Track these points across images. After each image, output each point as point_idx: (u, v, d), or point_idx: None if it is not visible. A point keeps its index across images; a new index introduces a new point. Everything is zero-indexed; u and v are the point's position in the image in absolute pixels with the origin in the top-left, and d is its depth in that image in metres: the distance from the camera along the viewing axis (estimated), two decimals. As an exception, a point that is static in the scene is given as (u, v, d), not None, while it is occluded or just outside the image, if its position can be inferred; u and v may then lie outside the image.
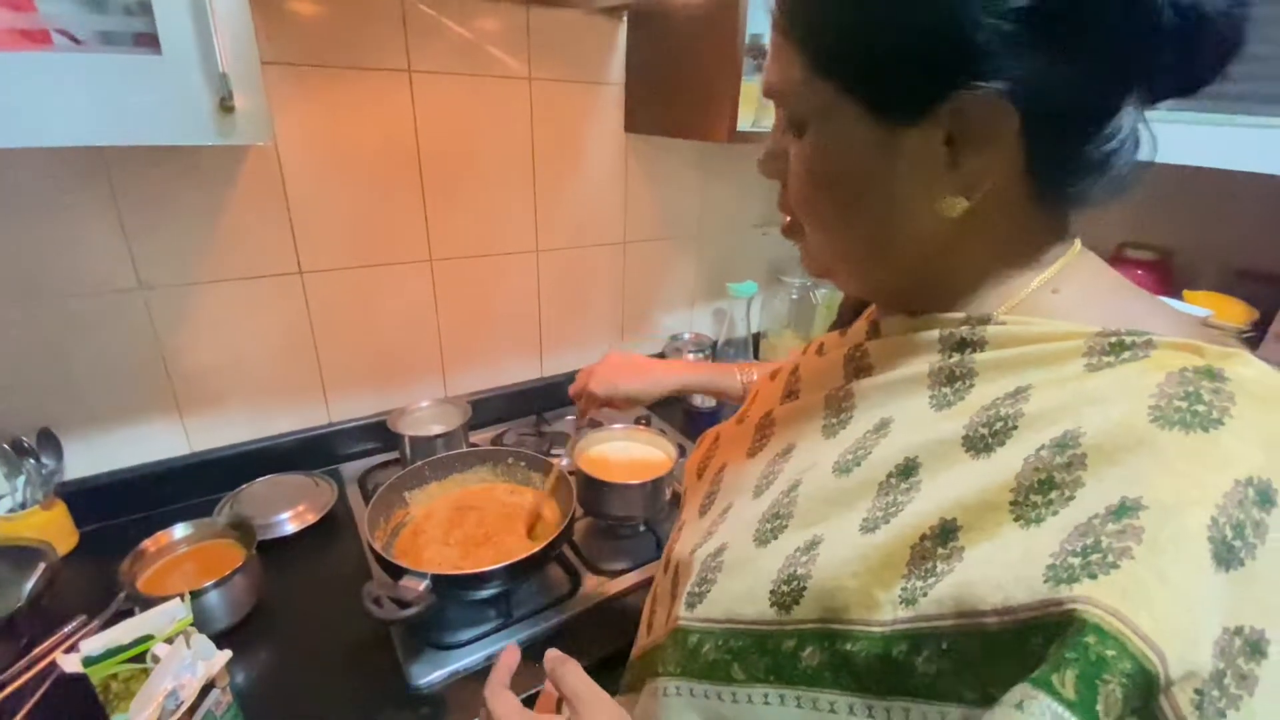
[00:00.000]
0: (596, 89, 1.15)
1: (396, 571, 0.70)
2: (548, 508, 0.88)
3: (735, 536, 0.43)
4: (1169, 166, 0.87)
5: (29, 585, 0.72)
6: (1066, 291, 0.35)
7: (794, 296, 1.54)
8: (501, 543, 0.82)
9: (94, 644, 0.58)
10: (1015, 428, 0.31)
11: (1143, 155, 0.34)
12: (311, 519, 0.94)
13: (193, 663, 0.57)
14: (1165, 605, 0.24)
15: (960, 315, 0.37)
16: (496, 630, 0.77)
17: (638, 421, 1.20)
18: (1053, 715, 0.23)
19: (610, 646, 0.76)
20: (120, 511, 0.94)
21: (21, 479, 0.84)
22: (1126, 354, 0.30)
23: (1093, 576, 0.25)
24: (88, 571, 0.84)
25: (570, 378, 1.33)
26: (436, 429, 1.01)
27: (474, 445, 1.12)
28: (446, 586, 0.71)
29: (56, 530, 0.85)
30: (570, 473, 0.90)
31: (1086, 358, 0.31)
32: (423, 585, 0.69)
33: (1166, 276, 1.12)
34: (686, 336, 1.44)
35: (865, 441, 0.38)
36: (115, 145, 0.58)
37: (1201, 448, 0.26)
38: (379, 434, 1.11)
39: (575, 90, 1.13)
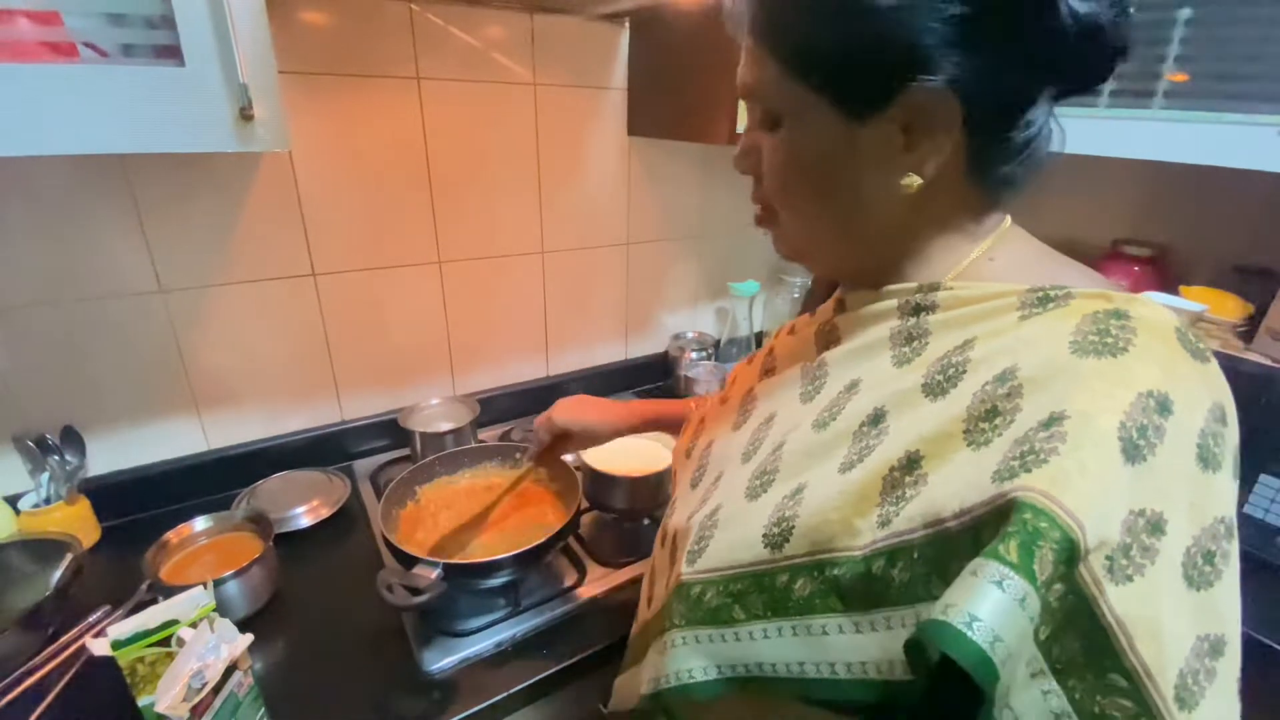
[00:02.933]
0: (599, 94, 1.17)
1: (409, 560, 0.73)
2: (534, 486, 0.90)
3: (728, 496, 0.47)
4: (1165, 164, 0.89)
5: (56, 576, 0.75)
6: (1001, 259, 0.42)
7: (795, 295, 1.56)
8: (508, 533, 0.85)
9: (122, 628, 0.61)
10: (964, 372, 0.37)
11: (1054, 146, 0.40)
12: (325, 513, 0.97)
13: (216, 645, 0.60)
14: (1084, 488, 0.30)
15: (914, 284, 0.43)
16: (505, 618, 0.80)
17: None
18: (1000, 574, 0.29)
19: (616, 634, 0.78)
20: (141, 507, 0.97)
21: (46, 475, 0.87)
22: (1051, 305, 0.36)
23: (1028, 470, 0.31)
24: (110, 564, 0.87)
25: (575, 377, 1.36)
26: (446, 426, 1.04)
27: (481, 442, 1.14)
28: (457, 575, 0.74)
29: (80, 525, 0.88)
30: (576, 467, 0.92)
31: (1019, 310, 0.37)
32: (434, 573, 0.71)
33: (1163, 272, 1.14)
34: (690, 335, 1.46)
35: (839, 400, 0.43)
36: (139, 153, 0.61)
37: (1111, 369, 0.32)
38: (390, 431, 1.13)
39: (579, 95, 1.15)
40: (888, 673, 0.35)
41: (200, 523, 0.82)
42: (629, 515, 0.95)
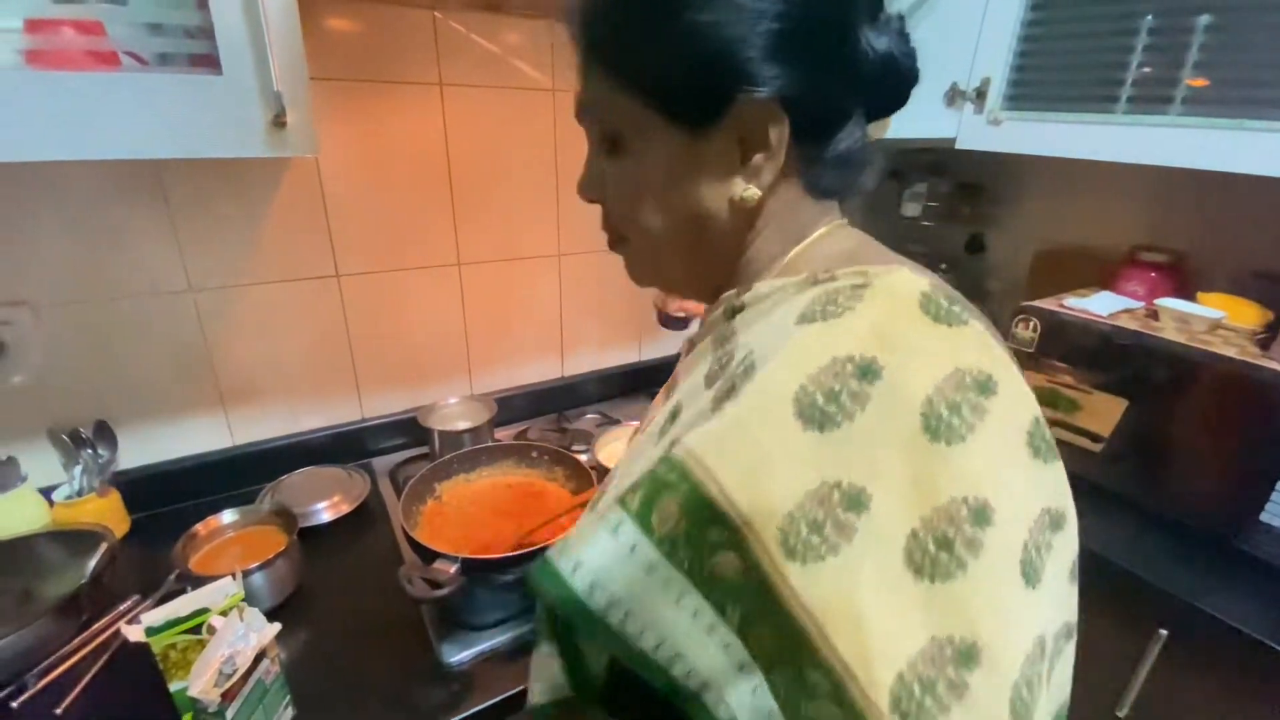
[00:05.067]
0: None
1: (429, 555, 0.75)
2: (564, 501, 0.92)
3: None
4: (1183, 170, 0.89)
5: (91, 565, 0.77)
6: (808, 255, 0.43)
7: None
8: (525, 529, 0.86)
9: (154, 616, 0.63)
10: (730, 359, 0.38)
11: (868, 156, 0.43)
12: (346, 509, 0.99)
13: (246, 633, 0.62)
14: (735, 447, 0.30)
15: (735, 290, 0.44)
16: (523, 613, 0.81)
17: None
18: (616, 520, 0.31)
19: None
20: (169, 500, 1.00)
21: (79, 468, 0.90)
22: (814, 287, 0.37)
23: (692, 429, 0.32)
24: (140, 555, 0.89)
25: (590, 379, 1.38)
26: (464, 425, 1.06)
27: (498, 441, 1.16)
28: (476, 569, 0.75)
29: (111, 516, 0.91)
30: (591, 467, 0.94)
31: (796, 296, 0.38)
32: (454, 568, 0.73)
33: (1180, 278, 1.13)
34: (704, 338, 1.47)
35: (666, 408, 0.44)
36: (177, 158, 0.63)
37: (817, 333, 0.33)
38: (409, 429, 1.16)
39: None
40: None
41: (228, 515, 0.85)
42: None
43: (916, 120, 1.21)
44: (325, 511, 0.98)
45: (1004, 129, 1.20)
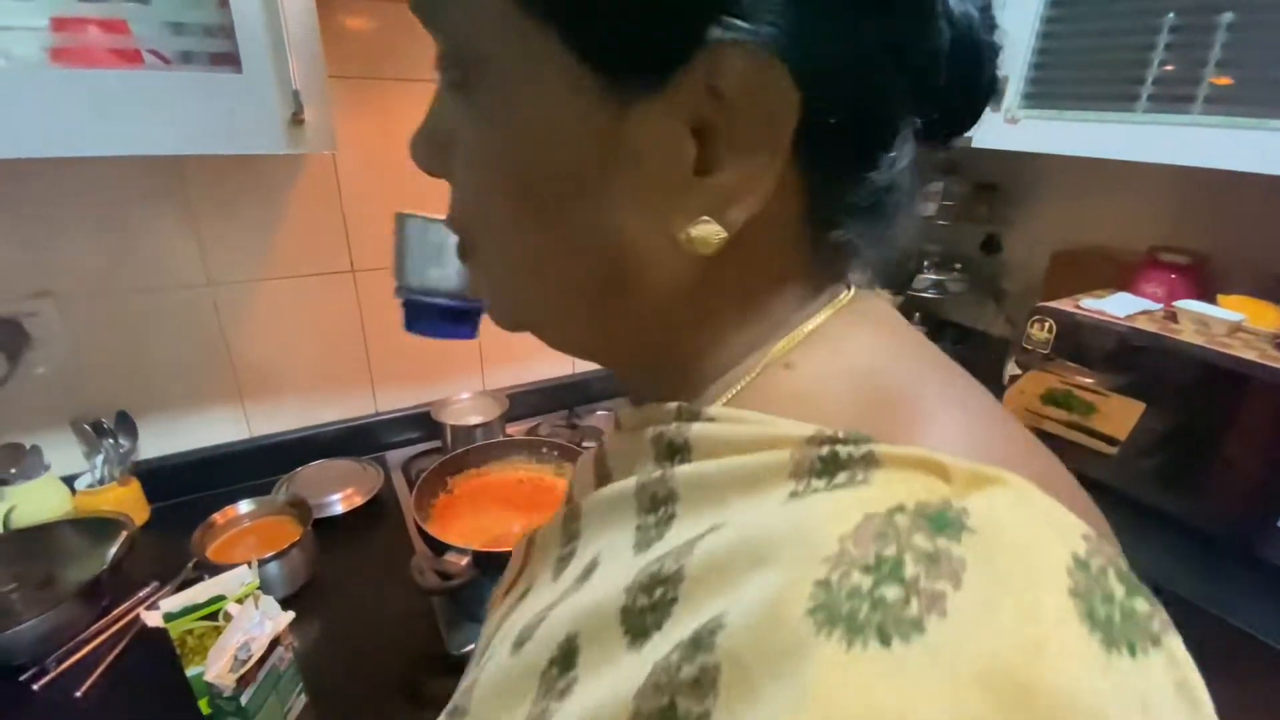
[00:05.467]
0: (631, 96, 1.19)
1: (441, 547, 0.76)
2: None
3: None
4: (1204, 170, 0.88)
5: (111, 552, 0.79)
6: (803, 366, 0.24)
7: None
8: (535, 523, 0.87)
9: (172, 602, 0.64)
10: (675, 599, 0.20)
11: (911, 206, 0.26)
12: (359, 501, 1.00)
13: (261, 621, 0.63)
14: None
15: (673, 406, 0.26)
16: (530, 608, 0.82)
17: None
18: None
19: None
20: (187, 490, 1.01)
21: (101, 457, 0.92)
22: (841, 475, 0.19)
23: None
24: (158, 543, 0.91)
25: (599, 376, 1.38)
26: (476, 419, 1.07)
27: (509, 436, 1.17)
28: (486, 562, 0.76)
29: (131, 505, 0.93)
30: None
31: (794, 480, 0.20)
32: (465, 560, 0.74)
33: (1200, 280, 1.12)
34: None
35: (564, 595, 0.26)
36: (198, 154, 0.64)
37: (870, 687, 0.14)
38: (422, 424, 1.17)
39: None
40: None
41: (244, 505, 0.86)
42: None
43: (932, 118, 1.20)
44: (339, 503, 0.99)
45: (1022, 128, 1.19)
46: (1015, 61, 1.17)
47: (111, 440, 0.93)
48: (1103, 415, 1.08)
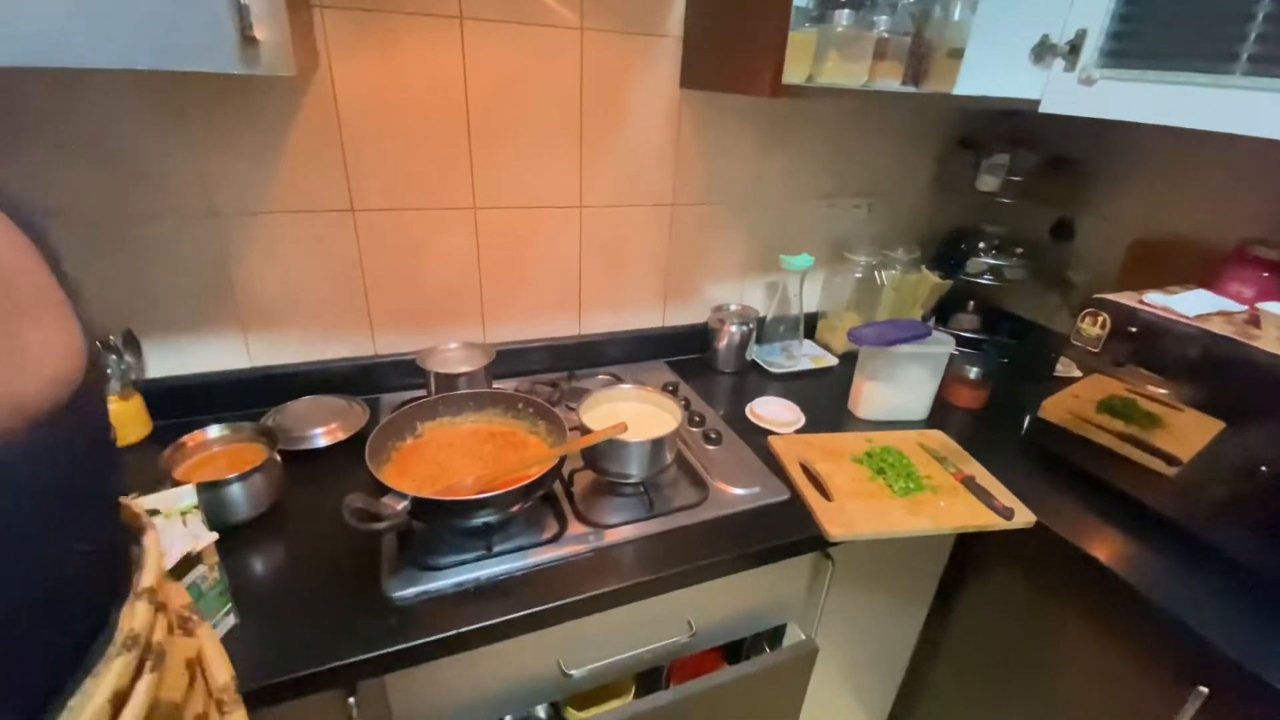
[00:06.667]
0: (652, 41, 1.12)
1: (381, 488, 0.75)
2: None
3: None
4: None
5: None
6: None
7: (858, 275, 1.45)
8: (498, 476, 0.85)
9: (118, 511, 0.67)
10: None
11: None
12: (341, 436, 1.02)
13: (184, 538, 0.64)
14: None
15: None
16: (477, 560, 0.80)
17: (665, 388, 1.19)
18: None
19: (581, 591, 0.77)
20: (189, 411, 1.06)
21: (108, 371, 0.97)
22: None
23: None
24: (151, 458, 0.95)
25: (609, 339, 1.34)
26: (461, 369, 1.05)
27: (495, 389, 1.16)
28: (425, 510, 0.75)
29: (130, 419, 0.99)
30: (573, 427, 0.91)
31: None
32: (401, 504, 0.73)
33: (1299, 279, 0.94)
34: (733, 308, 1.39)
35: None
36: (189, 83, 0.63)
37: None
38: (419, 370, 1.17)
39: (629, 42, 1.10)
40: None
41: (214, 430, 0.89)
42: (622, 479, 0.93)
43: (995, 76, 1.06)
44: (321, 437, 1.01)
45: (1097, 90, 1.03)
46: (1095, 13, 1.01)
47: (115, 357, 0.97)
48: (1167, 430, 0.94)
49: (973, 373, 1.24)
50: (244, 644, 0.69)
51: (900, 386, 1.18)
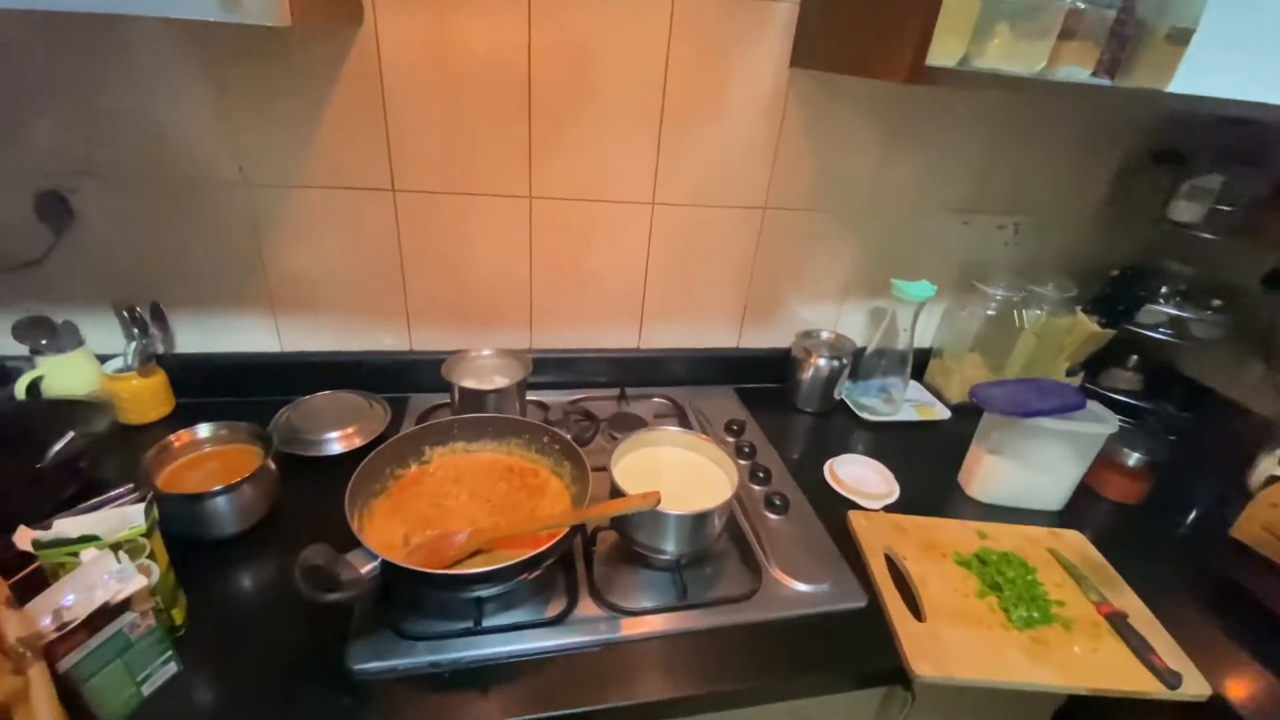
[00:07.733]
0: (760, 7, 0.91)
1: (351, 541, 0.62)
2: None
3: None
4: None
5: (54, 449, 0.76)
6: None
7: (990, 312, 1.17)
8: (489, 534, 0.70)
9: (66, 526, 0.58)
10: None
11: None
12: (358, 443, 0.92)
13: (112, 579, 0.54)
14: None
15: None
16: (462, 635, 0.66)
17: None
18: None
19: (576, 704, 0.61)
20: (216, 391, 1.00)
21: (134, 345, 0.92)
22: None
23: None
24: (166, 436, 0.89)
25: (672, 356, 1.16)
26: (489, 384, 0.92)
27: (538, 403, 1.03)
28: (398, 578, 0.62)
29: (152, 396, 0.93)
30: (597, 469, 0.74)
31: None
32: (368, 567, 0.60)
33: None
34: (824, 336, 1.17)
35: None
36: (138, 15, 0.52)
37: None
38: (451, 373, 1.05)
39: (731, 8, 0.90)
40: None
41: (204, 430, 0.80)
42: (654, 553, 0.75)
43: (1234, 71, 0.77)
44: (336, 442, 0.91)
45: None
46: None
47: (139, 330, 0.92)
48: None
49: (1132, 458, 0.96)
50: (177, 700, 0.59)
51: (1033, 467, 0.92)
